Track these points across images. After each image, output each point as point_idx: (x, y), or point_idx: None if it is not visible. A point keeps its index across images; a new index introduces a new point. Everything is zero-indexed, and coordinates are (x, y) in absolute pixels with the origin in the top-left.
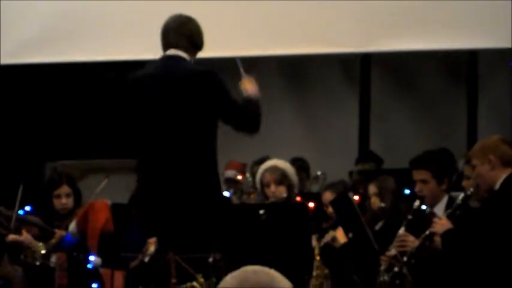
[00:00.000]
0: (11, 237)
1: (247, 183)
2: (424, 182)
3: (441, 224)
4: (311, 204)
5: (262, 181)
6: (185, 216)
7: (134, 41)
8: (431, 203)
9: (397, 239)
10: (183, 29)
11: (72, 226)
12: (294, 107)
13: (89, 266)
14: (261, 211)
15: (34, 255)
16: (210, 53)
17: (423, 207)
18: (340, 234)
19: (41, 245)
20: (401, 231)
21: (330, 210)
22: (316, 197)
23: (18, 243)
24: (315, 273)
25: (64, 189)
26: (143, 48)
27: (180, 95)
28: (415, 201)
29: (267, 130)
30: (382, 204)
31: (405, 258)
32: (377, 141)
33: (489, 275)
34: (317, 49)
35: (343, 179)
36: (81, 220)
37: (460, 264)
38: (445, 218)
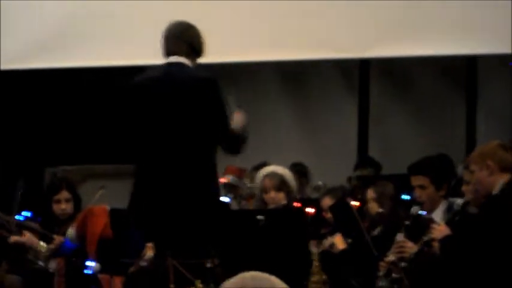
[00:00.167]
0: (13, 239)
1: (246, 189)
2: (422, 187)
3: (439, 230)
4: (310, 210)
5: (261, 187)
6: (184, 222)
7: (135, 46)
8: (430, 208)
9: (396, 245)
10: (183, 36)
11: (71, 232)
12: (292, 112)
13: (88, 271)
14: (260, 217)
15: (37, 256)
16: (208, 58)
17: (422, 213)
18: (339, 240)
19: (43, 245)
20: (399, 237)
21: (329, 215)
22: (315, 203)
23: (20, 244)
24: (313, 279)
25: (64, 195)
26: (144, 54)
27: (181, 100)
28: (413, 207)
29: (265, 135)
30: (380, 210)
31: (403, 264)
32: (376, 146)
33: (488, 280)
34: (316, 55)
35: (342, 184)
36: (80, 225)
37: (458, 270)
38: (443, 224)
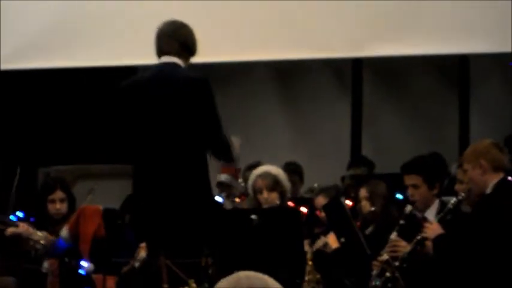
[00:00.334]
0: (10, 231)
1: (240, 188)
2: (415, 186)
3: (432, 228)
4: (303, 209)
5: (254, 187)
6: (177, 221)
7: (129, 47)
8: (423, 207)
9: (389, 244)
10: (176, 35)
11: (64, 231)
12: (285, 112)
13: (81, 271)
14: (253, 216)
15: (35, 246)
16: (201, 58)
17: (415, 212)
18: (332, 239)
19: (40, 234)
20: (393, 236)
21: (322, 214)
22: (309, 202)
23: (17, 236)
24: (307, 278)
25: (58, 194)
26: (139, 54)
27: (173, 101)
28: (406, 206)
29: (259, 134)
30: (372, 209)
31: (397, 263)
32: (369, 145)
33: (480, 279)
34: (308, 54)
35: (336, 183)
36: (73, 225)
37: (451, 269)
38: (436, 222)
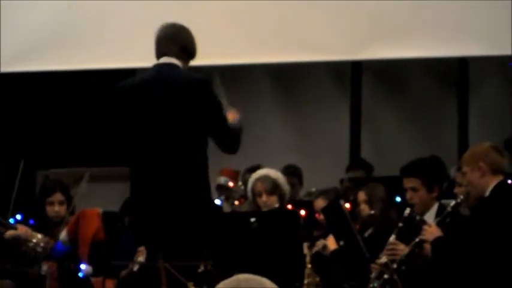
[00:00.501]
0: (9, 233)
1: (239, 191)
2: (414, 189)
3: (431, 231)
4: (302, 212)
5: (253, 190)
6: (176, 224)
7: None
8: (422, 210)
9: (388, 247)
10: (175, 38)
11: (63, 234)
12: (284, 114)
13: (80, 274)
14: (252, 219)
15: (35, 248)
16: (199, 61)
17: (413, 215)
18: (331, 242)
19: (40, 236)
20: (391, 239)
21: (321, 217)
22: (308, 205)
23: (16, 238)
24: (306, 281)
25: (57, 197)
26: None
27: (174, 101)
28: (405, 209)
29: (258, 137)
30: (372, 212)
31: (395, 266)
32: (368, 148)
33: (479, 281)
34: (308, 57)
35: (336, 186)
36: (72, 228)
37: (450, 272)
38: (434, 225)
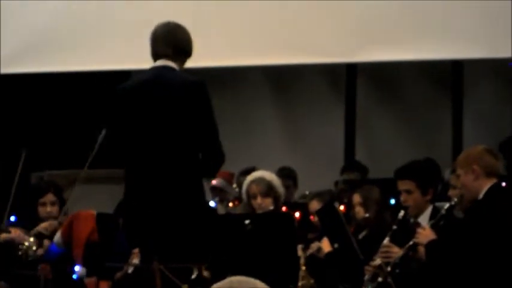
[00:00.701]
0: (3, 236)
1: (234, 193)
2: (408, 192)
3: (425, 234)
4: (297, 214)
5: (248, 192)
6: (170, 226)
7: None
8: (416, 213)
9: (382, 249)
10: (170, 38)
11: (57, 236)
12: (279, 117)
13: (74, 276)
14: (247, 221)
15: (27, 252)
16: (195, 63)
17: (408, 218)
18: (326, 244)
19: (33, 240)
20: (385, 241)
21: (316, 219)
22: (302, 207)
23: (10, 241)
24: (300, 284)
25: (49, 197)
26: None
27: (170, 103)
28: (399, 211)
29: (253, 139)
30: (367, 215)
31: (389, 269)
32: (363, 150)
33: (473, 284)
34: (303, 59)
35: (330, 188)
36: (66, 230)
37: (444, 275)
38: (428, 228)
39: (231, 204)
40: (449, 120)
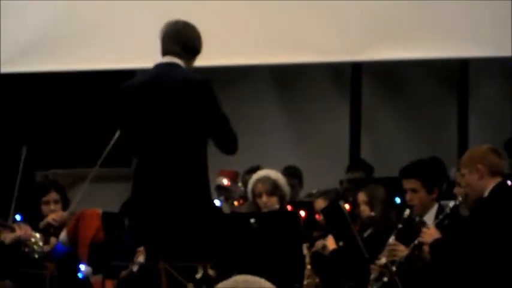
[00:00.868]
0: (9, 238)
1: (239, 191)
2: (414, 191)
3: (429, 233)
4: (302, 213)
5: (254, 191)
6: (176, 225)
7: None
8: (421, 211)
9: (387, 248)
10: (177, 36)
11: (63, 235)
12: (285, 115)
13: (80, 275)
14: (252, 220)
15: (33, 248)
16: (199, 62)
17: (413, 216)
18: (330, 242)
19: (39, 236)
20: (391, 240)
21: (321, 218)
22: (308, 206)
23: (16, 241)
24: (305, 282)
25: (52, 196)
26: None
27: (173, 102)
28: (405, 210)
29: (258, 138)
30: (372, 213)
31: (395, 268)
32: (368, 149)
33: (477, 283)
34: (308, 58)
35: (336, 187)
36: (71, 229)
37: (448, 273)
38: (433, 227)
39: (236, 203)
40: (455, 119)
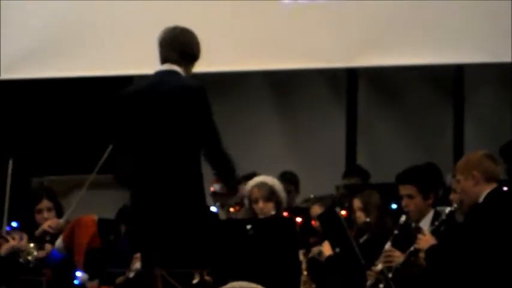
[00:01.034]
0: (3, 249)
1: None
2: (410, 197)
3: (425, 239)
4: (298, 219)
5: (250, 197)
6: (172, 231)
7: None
8: (417, 217)
9: (384, 254)
10: (174, 43)
11: (59, 242)
12: (281, 121)
13: (76, 281)
14: (248, 226)
15: (27, 258)
16: (196, 68)
17: (409, 222)
18: (326, 248)
19: (33, 246)
20: (387, 246)
21: (317, 224)
22: (304, 212)
23: (11, 251)
24: None
25: (45, 204)
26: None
27: (169, 109)
28: (401, 216)
29: (254, 144)
30: (367, 219)
31: (390, 274)
32: (364, 155)
33: None
34: (304, 64)
35: (332, 193)
36: (67, 236)
37: (444, 280)
38: (429, 233)
39: (232, 209)
40: (451, 125)
